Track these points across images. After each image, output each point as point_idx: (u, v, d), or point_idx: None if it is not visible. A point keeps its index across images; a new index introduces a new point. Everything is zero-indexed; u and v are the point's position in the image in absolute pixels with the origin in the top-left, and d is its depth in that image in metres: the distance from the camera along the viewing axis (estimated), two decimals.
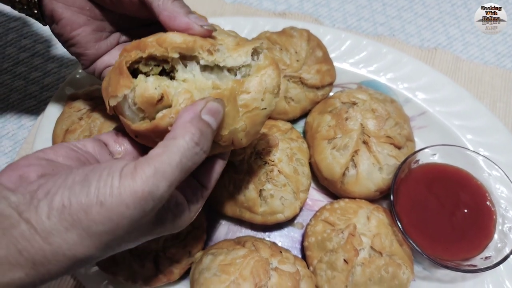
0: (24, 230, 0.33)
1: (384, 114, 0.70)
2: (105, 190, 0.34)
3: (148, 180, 0.34)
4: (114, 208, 0.34)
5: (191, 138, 0.37)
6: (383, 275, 0.60)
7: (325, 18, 0.95)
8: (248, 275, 0.54)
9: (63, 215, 0.34)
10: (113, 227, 0.35)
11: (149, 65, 0.43)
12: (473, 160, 0.68)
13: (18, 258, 0.33)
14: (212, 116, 0.40)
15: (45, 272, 0.35)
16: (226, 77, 0.44)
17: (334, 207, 0.67)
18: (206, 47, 0.43)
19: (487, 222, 0.66)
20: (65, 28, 0.52)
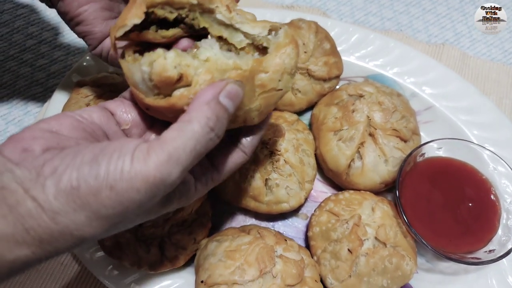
0: (30, 208, 0.33)
1: (391, 107, 0.70)
2: (116, 174, 0.33)
3: (161, 166, 0.33)
4: (124, 192, 0.33)
5: (206, 123, 0.36)
6: (387, 266, 0.60)
7: (333, 12, 0.95)
8: (253, 261, 0.55)
9: (71, 196, 0.33)
10: (122, 210, 0.35)
11: (165, 10, 0.41)
12: (478, 154, 0.69)
13: (25, 236, 0.33)
14: (231, 100, 0.38)
15: (52, 249, 0.35)
16: (246, 56, 0.41)
17: (339, 198, 0.68)
18: (225, 2, 0.42)
19: (491, 216, 0.66)
20: (72, 4, 0.50)
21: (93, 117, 0.42)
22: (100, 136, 0.41)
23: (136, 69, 0.38)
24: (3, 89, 0.84)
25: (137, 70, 0.38)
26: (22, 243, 0.33)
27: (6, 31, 0.90)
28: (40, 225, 0.33)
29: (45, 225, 0.33)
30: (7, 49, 0.88)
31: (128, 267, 0.61)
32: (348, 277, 0.61)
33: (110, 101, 0.45)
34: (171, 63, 0.37)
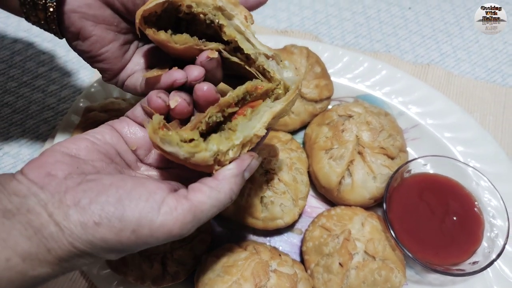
0: (53, 232, 0.37)
1: (378, 127, 0.75)
2: (140, 221, 0.38)
3: (185, 225, 0.40)
4: (144, 237, 0.39)
5: (230, 195, 0.43)
6: (376, 278, 0.64)
7: (325, 36, 1.01)
8: (249, 276, 0.59)
9: (91, 230, 0.37)
10: (136, 248, 0.40)
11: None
12: (462, 170, 0.73)
13: (46, 256, 0.37)
14: (250, 172, 0.46)
15: (69, 267, 0.40)
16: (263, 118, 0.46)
17: (331, 214, 0.72)
18: (244, 13, 0.47)
19: (475, 229, 0.70)
20: (95, 45, 0.52)
21: (105, 137, 0.46)
22: (113, 154, 0.46)
23: (173, 150, 0.41)
24: (17, 114, 0.90)
25: (174, 151, 0.41)
26: (44, 262, 0.37)
27: (20, 58, 0.97)
28: (61, 247, 0.38)
29: (65, 248, 0.38)
30: (21, 76, 0.94)
31: (132, 282, 0.65)
32: None
33: (116, 121, 0.49)
34: (211, 155, 0.42)
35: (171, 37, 0.47)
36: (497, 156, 0.78)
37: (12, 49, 0.98)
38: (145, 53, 0.56)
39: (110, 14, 0.51)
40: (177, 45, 0.47)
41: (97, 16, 0.50)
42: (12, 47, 0.98)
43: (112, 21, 0.51)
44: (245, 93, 0.47)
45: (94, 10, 0.50)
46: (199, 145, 0.41)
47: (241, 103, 0.48)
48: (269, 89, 0.48)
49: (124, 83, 0.56)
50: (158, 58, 0.56)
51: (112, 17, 0.51)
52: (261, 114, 0.47)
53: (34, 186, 0.39)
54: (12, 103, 0.91)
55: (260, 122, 0.46)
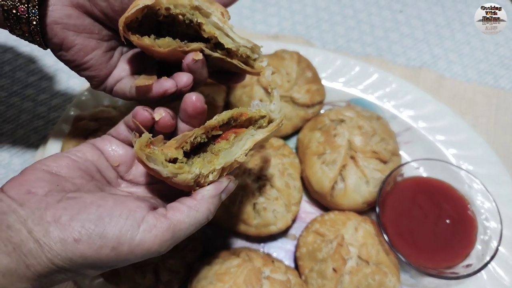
0: (32, 248, 0.37)
1: (370, 131, 0.75)
2: (120, 238, 0.39)
3: (164, 242, 0.41)
4: (124, 255, 0.39)
5: (207, 215, 0.45)
6: (370, 283, 0.64)
7: (316, 40, 1.01)
8: (241, 283, 0.58)
9: (71, 246, 0.38)
10: (114, 264, 0.41)
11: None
12: (455, 173, 0.73)
13: (26, 272, 0.38)
14: (226, 194, 0.48)
15: (48, 282, 0.40)
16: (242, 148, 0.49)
17: (324, 219, 0.71)
18: (220, 9, 0.49)
19: (468, 232, 0.69)
20: (78, 54, 0.53)
21: (86, 155, 0.47)
22: (94, 172, 0.47)
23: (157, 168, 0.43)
24: (7, 124, 0.89)
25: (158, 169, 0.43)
26: (23, 277, 0.37)
27: (9, 68, 0.96)
28: (40, 263, 0.38)
29: (44, 264, 0.38)
30: (11, 86, 0.94)
31: None
32: None
33: (98, 139, 0.50)
34: (193, 177, 0.44)
35: (155, 41, 0.49)
36: (489, 158, 0.78)
37: (1, 59, 0.97)
38: (130, 59, 0.57)
39: (90, 22, 0.52)
40: (161, 49, 0.49)
41: (78, 25, 0.51)
42: (2, 57, 0.97)
43: (93, 29, 0.53)
44: (230, 118, 0.49)
45: (74, 20, 0.51)
46: (183, 167, 0.44)
47: (225, 127, 0.50)
48: (253, 117, 0.50)
49: (113, 89, 0.57)
50: (143, 62, 0.57)
51: (92, 25, 0.53)
52: (243, 142, 0.49)
53: (14, 203, 0.39)
54: (2, 112, 0.90)
55: (241, 149, 0.49)
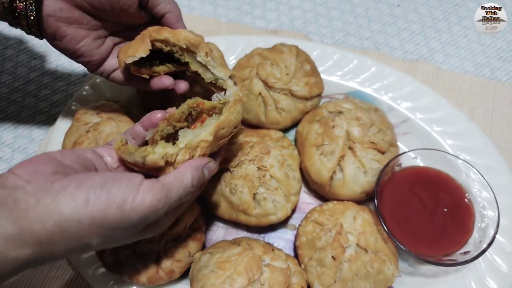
0: (39, 213, 0.39)
1: (368, 122, 0.76)
2: (124, 198, 0.43)
3: (160, 200, 0.46)
4: (127, 213, 0.43)
5: (191, 181, 0.50)
6: (369, 271, 0.65)
7: (314, 35, 1.02)
8: (242, 270, 0.59)
9: (81, 208, 0.41)
10: (119, 227, 0.44)
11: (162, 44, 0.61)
12: (452, 162, 0.74)
13: (28, 238, 0.39)
14: (208, 171, 0.54)
15: (49, 251, 0.41)
16: (207, 129, 0.54)
17: (323, 209, 0.72)
18: (205, 50, 0.60)
19: (466, 220, 0.70)
20: (71, 42, 0.61)
21: (87, 155, 0.52)
22: (92, 169, 0.51)
23: (132, 159, 0.50)
24: (9, 119, 0.90)
25: (133, 159, 0.50)
26: (25, 243, 0.39)
27: (11, 64, 0.97)
28: (45, 228, 0.39)
29: (50, 229, 0.40)
30: (12, 82, 0.95)
31: (127, 281, 0.66)
32: (333, 282, 0.65)
33: (99, 147, 0.55)
34: (159, 157, 0.50)
35: (152, 69, 0.63)
36: (487, 149, 0.79)
37: (3, 55, 0.98)
38: None
39: (79, 14, 0.60)
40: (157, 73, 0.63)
41: (69, 17, 0.59)
42: (3, 54, 0.98)
43: (82, 20, 0.61)
44: (189, 109, 0.56)
45: (65, 13, 0.59)
46: (146, 149, 0.50)
47: (191, 119, 0.57)
48: (214, 106, 0.57)
49: (109, 76, 0.67)
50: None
51: (81, 17, 0.60)
52: (207, 124, 0.55)
53: (21, 180, 0.41)
54: (4, 108, 0.91)
55: (206, 130, 0.54)
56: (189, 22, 1.01)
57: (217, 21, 1.03)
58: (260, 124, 0.83)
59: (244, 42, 0.92)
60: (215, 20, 1.03)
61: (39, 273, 0.73)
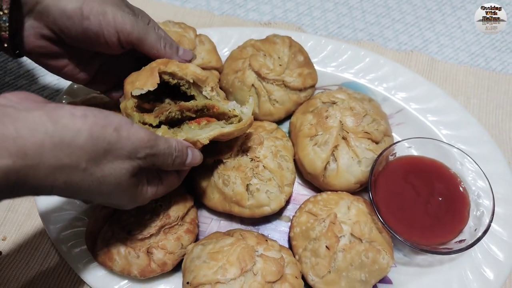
0: (30, 123, 0.38)
1: (362, 112, 0.75)
2: (122, 124, 0.46)
3: (151, 139, 0.50)
4: (123, 138, 0.46)
5: (175, 145, 0.54)
6: (364, 260, 0.64)
7: (308, 27, 1.01)
8: (234, 260, 0.58)
9: (80, 121, 0.41)
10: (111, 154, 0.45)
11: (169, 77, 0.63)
12: (446, 151, 0.73)
13: (10, 146, 0.37)
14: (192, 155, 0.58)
15: (34, 165, 0.38)
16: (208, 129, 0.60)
17: (317, 199, 0.72)
18: (211, 85, 0.64)
19: (461, 209, 0.70)
20: (54, 70, 0.64)
21: None
22: None
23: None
24: None
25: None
26: (5, 151, 0.36)
27: (1, 59, 0.96)
28: (34, 136, 0.38)
29: (39, 137, 0.38)
30: (3, 77, 0.94)
31: (119, 274, 0.65)
32: (328, 272, 0.64)
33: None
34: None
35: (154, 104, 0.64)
36: (482, 137, 0.79)
37: None
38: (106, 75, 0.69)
39: (58, 49, 0.61)
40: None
41: (48, 53, 0.61)
42: None
43: (61, 53, 0.62)
44: (204, 106, 0.61)
45: (44, 49, 0.60)
46: (150, 129, 0.52)
47: (200, 114, 0.61)
48: (225, 113, 0.61)
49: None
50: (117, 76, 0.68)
51: (60, 51, 0.61)
52: (211, 129, 0.59)
53: (12, 101, 0.41)
54: None
55: (207, 133, 0.58)
56: (182, 15, 1.00)
57: (210, 13, 1.02)
58: (253, 116, 0.82)
59: (237, 34, 0.92)
60: (208, 12, 1.02)
61: (30, 268, 0.72)
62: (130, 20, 0.58)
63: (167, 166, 0.55)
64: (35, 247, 0.74)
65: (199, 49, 0.82)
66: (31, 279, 0.71)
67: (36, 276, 0.71)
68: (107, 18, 0.56)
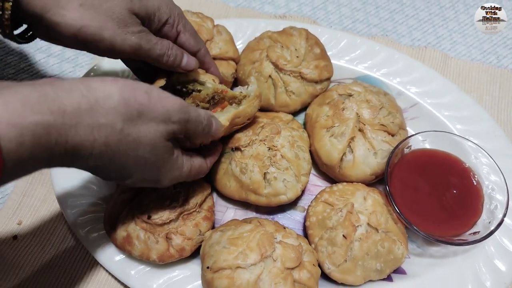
0: (67, 84, 0.40)
1: (378, 105, 0.76)
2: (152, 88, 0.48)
3: (183, 106, 0.52)
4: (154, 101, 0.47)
5: (204, 115, 0.56)
6: (379, 250, 0.65)
7: (323, 21, 1.02)
8: (254, 246, 0.59)
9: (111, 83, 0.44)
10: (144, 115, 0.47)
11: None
12: (460, 145, 0.74)
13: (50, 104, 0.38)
14: (215, 125, 0.59)
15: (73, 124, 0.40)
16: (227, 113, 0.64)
17: (333, 190, 0.72)
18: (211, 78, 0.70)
19: (475, 202, 0.71)
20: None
21: None
22: None
23: None
24: None
25: None
26: (46, 109, 0.37)
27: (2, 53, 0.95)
28: (71, 96, 0.39)
29: (76, 97, 0.40)
30: (2, 70, 0.93)
31: (138, 259, 0.65)
32: (344, 261, 0.65)
33: None
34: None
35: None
36: (495, 132, 0.80)
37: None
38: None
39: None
40: None
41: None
42: None
43: None
44: (214, 93, 0.66)
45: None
46: None
47: (213, 102, 0.66)
48: (235, 96, 0.67)
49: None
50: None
51: None
52: (227, 111, 0.64)
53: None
54: None
55: (224, 116, 0.62)
56: (198, 6, 1.01)
57: (225, 5, 1.02)
58: (269, 107, 0.83)
59: (253, 25, 0.92)
60: (224, 4, 1.02)
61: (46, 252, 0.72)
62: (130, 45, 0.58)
63: (197, 135, 0.56)
64: (51, 231, 0.75)
65: (216, 39, 0.83)
66: (47, 263, 0.71)
67: (52, 260, 0.72)
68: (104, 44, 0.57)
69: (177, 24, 0.64)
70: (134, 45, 0.58)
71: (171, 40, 0.65)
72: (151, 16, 0.60)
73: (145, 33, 0.59)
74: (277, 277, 0.58)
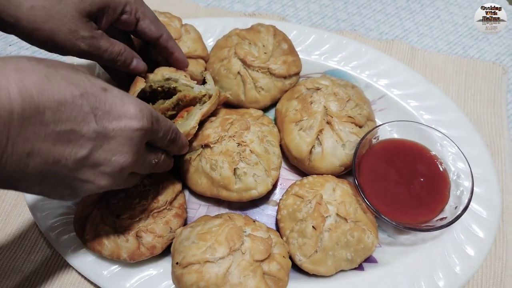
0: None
1: (345, 97, 0.77)
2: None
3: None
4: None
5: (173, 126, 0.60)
6: (349, 239, 0.66)
7: (292, 18, 1.03)
8: (223, 240, 0.59)
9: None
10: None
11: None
12: (427, 134, 0.75)
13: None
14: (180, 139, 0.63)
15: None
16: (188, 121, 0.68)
17: (303, 182, 0.73)
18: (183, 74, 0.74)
19: (441, 188, 0.72)
20: None
21: None
22: None
23: None
24: None
25: None
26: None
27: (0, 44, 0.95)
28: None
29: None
30: None
31: (108, 258, 0.65)
32: (315, 252, 0.66)
33: None
34: None
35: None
36: (461, 121, 0.82)
37: None
38: None
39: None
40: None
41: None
42: None
43: None
44: (178, 100, 0.70)
45: None
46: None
47: (178, 108, 0.71)
48: (196, 97, 0.71)
49: None
50: None
51: None
52: (194, 114, 0.68)
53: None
54: None
55: (193, 120, 0.67)
56: (167, 6, 1.01)
57: (195, 5, 1.03)
58: (239, 104, 0.84)
59: (222, 24, 0.93)
60: (194, 4, 1.03)
61: (18, 257, 0.72)
62: (79, 51, 0.59)
63: (163, 141, 0.58)
64: (23, 236, 0.74)
65: (184, 38, 0.83)
66: (19, 267, 0.71)
67: (24, 265, 0.71)
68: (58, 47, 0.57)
69: (135, 11, 0.63)
70: (84, 51, 0.59)
71: (130, 28, 0.65)
72: (104, 9, 0.59)
73: (95, 40, 0.59)
74: (246, 269, 0.58)
